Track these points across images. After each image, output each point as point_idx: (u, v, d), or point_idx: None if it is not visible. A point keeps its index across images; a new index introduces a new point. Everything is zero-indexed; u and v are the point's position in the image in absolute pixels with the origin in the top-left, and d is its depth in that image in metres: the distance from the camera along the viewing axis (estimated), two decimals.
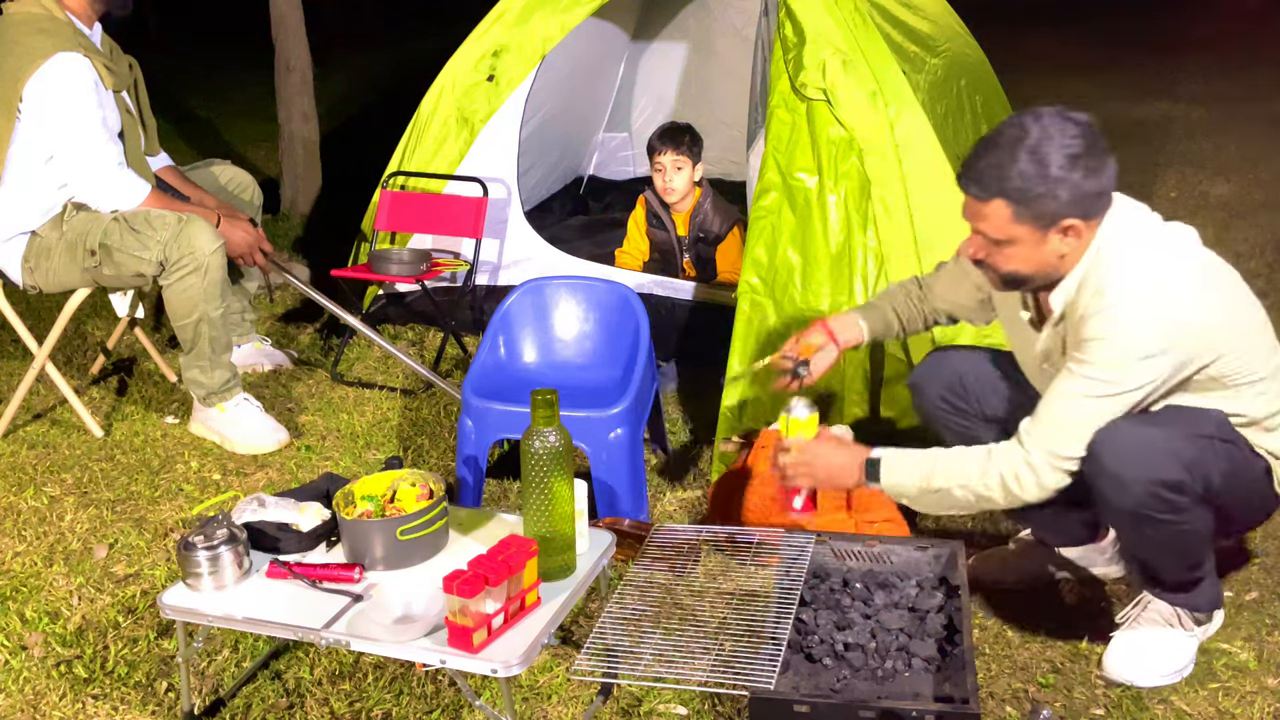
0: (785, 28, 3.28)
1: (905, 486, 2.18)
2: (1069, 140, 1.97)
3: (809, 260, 3.15)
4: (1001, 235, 2.05)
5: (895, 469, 2.19)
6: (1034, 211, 2.00)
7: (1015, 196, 2.00)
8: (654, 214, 4.09)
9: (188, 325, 3.19)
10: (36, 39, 3.08)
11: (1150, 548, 2.15)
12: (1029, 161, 1.97)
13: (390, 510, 2.14)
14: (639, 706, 2.20)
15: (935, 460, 2.16)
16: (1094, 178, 1.99)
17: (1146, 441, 2.02)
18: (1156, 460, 2.01)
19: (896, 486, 2.19)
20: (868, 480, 2.21)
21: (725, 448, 3.04)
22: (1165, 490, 2.02)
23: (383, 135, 4.61)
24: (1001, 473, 2.08)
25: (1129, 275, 2.01)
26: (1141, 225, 2.09)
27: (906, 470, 2.18)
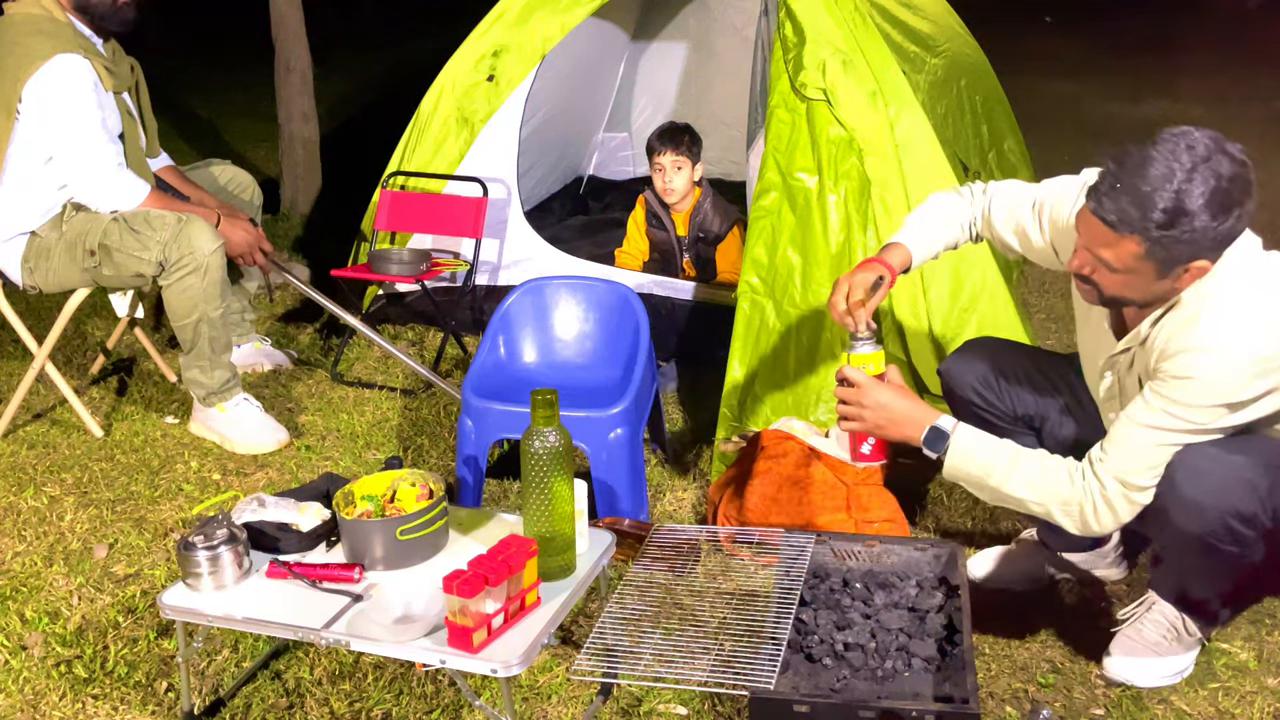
0: (785, 28, 3.28)
1: (968, 472, 2.08)
2: (1221, 184, 1.84)
3: (809, 260, 3.15)
4: (1122, 266, 1.93)
5: (963, 452, 2.08)
6: (1168, 255, 1.89)
7: (1152, 238, 1.86)
8: (653, 214, 4.09)
9: (187, 325, 3.19)
10: (36, 40, 3.08)
11: (1201, 573, 2.13)
12: (1174, 207, 1.83)
13: (390, 510, 2.14)
14: (639, 706, 2.21)
15: (1009, 460, 2.06)
16: (1236, 222, 1.87)
17: (1226, 470, 1.96)
18: (1235, 491, 1.97)
19: (957, 469, 2.09)
20: (927, 446, 2.10)
21: (725, 448, 3.04)
22: (1238, 522, 1.98)
23: (383, 135, 4.61)
24: (1081, 503, 2.02)
25: (1228, 313, 1.91)
26: (1247, 257, 1.97)
27: (974, 459, 2.08)
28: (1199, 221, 1.84)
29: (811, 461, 2.80)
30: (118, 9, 3.20)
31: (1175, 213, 1.84)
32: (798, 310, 3.14)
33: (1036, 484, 2.05)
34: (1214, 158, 1.84)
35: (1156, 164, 1.85)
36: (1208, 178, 1.84)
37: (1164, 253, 1.88)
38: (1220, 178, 1.84)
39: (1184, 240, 1.86)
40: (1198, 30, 10.72)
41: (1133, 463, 1.99)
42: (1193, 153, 1.85)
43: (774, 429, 2.94)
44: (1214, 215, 1.84)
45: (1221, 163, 1.85)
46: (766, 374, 3.11)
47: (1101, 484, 2.01)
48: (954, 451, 2.09)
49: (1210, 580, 2.15)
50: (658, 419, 3.13)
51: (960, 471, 2.10)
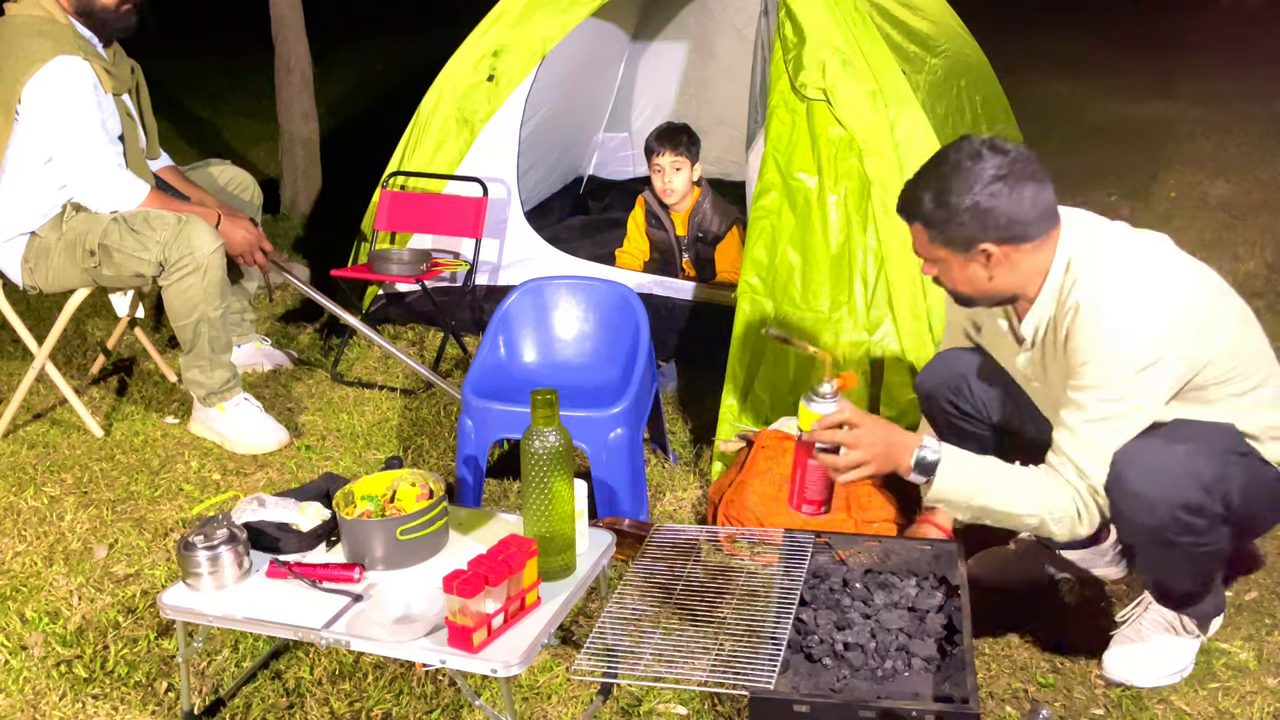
0: (785, 28, 3.28)
1: (956, 496, 2.09)
2: (981, 169, 2.00)
3: (809, 260, 3.15)
4: (926, 255, 2.12)
5: (952, 475, 2.08)
6: (945, 237, 2.05)
7: (925, 221, 2.06)
8: (653, 214, 4.09)
9: (187, 325, 3.19)
10: (36, 42, 3.08)
11: (1166, 566, 2.15)
12: (937, 189, 2.03)
13: (390, 510, 2.14)
14: (639, 706, 2.21)
15: (992, 479, 2.09)
16: (1008, 205, 2.00)
17: (1168, 463, 2.01)
18: (1179, 482, 2.01)
19: (944, 490, 2.09)
20: (916, 472, 2.09)
21: (725, 448, 3.04)
22: (1186, 514, 2.01)
23: (383, 135, 4.61)
24: (1067, 509, 2.05)
25: (1104, 291, 2.01)
26: (1108, 239, 2.09)
27: (963, 482, 2.08)
28: (955, 200, 2.01)
29: None
30: (118, 13, 3.20)
31: (936, 193, 2.03)
32: (798, 310, 3.14)
33: (1030, 498, 2.06)
34: (982, 150, 2.01)
35: (932, 158, 2.08)
36: (970, 165, 2.01)
37: (942, 236, 2.05)
38: (980, 163, 2.00)
39: (950, 221, 2.02)
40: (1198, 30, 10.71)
41: (1090, 461, 2.03)
42: (958, 148, 2.04)
43: (774, 429, 2.94)
44: (973, 196, 1.99)
45: (982, 153, 2.01)
46: (766, 374, 3.11)
47: (1076, 489, 2.05)
48: (943, 473, 2.08)
49: (1180, 574, 2.17)
50: (658, 419, 3.13)
51: (948, 493, 2.09)
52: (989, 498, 2.08)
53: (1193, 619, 2.24)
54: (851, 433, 2.08)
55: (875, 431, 2.09)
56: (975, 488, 2.09)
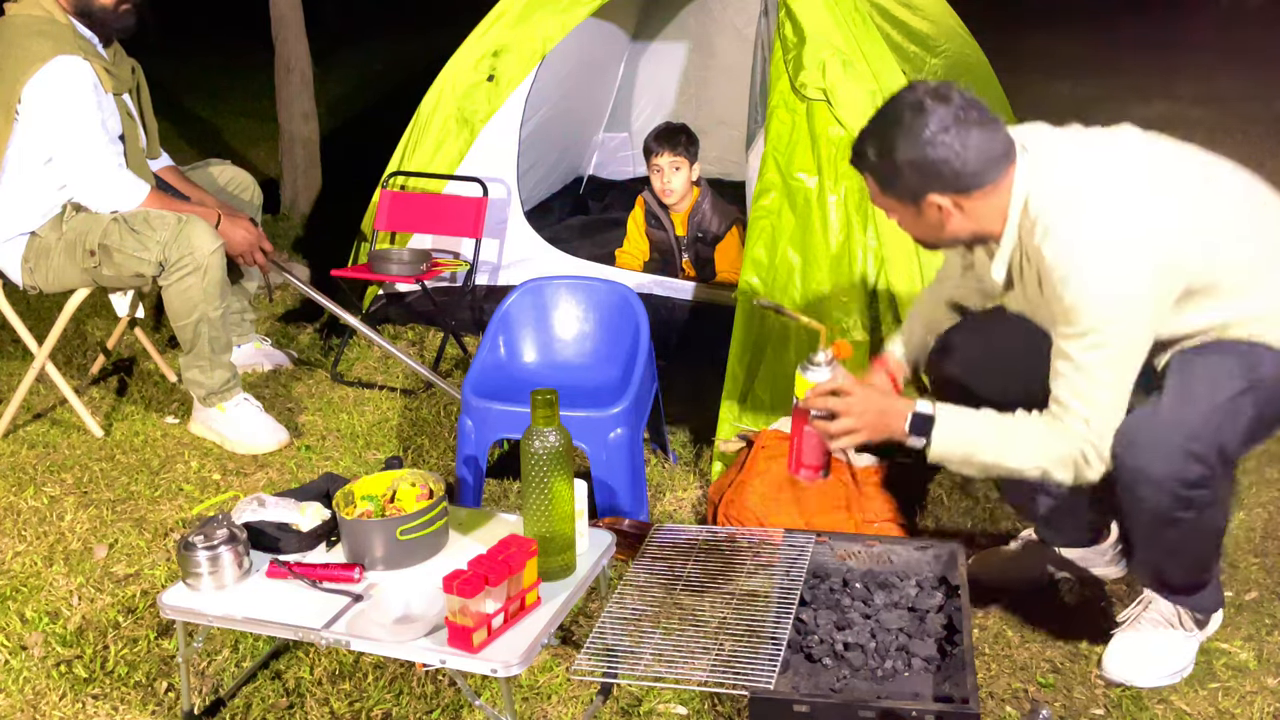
0: (785, 28, 3.28)
1: (956, 451, 2.08)
2: (923, 122, 1.96)
3: (809, 260, 3.15)
4: (880, 205, 2.12)
5: (949, 433, 2.07)
6: (894, 189, 2.05)
7: (872, 173, 2.06)
8: (652, 214, 4.09)
9: (187, 325, 3.19)
10: (36, 42, 3.08)
11: (1165, 547, 2.13)
12: (880, 142, 2.02)
13: (390, 510, 2.14)
14: (639, 706, 2.21)
15: (995, 431, 2.06)
16: (952, 157, 1.96)
17: (1166, 435, 1.98)
18: (1175, 458, 1.98)
19: (944, 448, 2.08)
20: (912, 434, 2.09)
21: (725, 448, 3.04)
22: (1185, 489, 1.99)
23: (383, 135, 4.61)
24: (1073, 456, 2.01)
25: (1067, 233, 1.96)
26: (1066, 166, 2.02)
27: (961, 439, 2.08)
28: (899, 154, 1.98)
29: None
30: (116, 13, 3.20)
31: (876, 144, 2.02)
32: (798, 310, 3.14)
33: (1029, 449, 2.04)
34: (924, 101, 1.97)
35: (879, 109, 2.05)
36: (911, 118, 1.97)
37: (889, 186, 2.05)
38: (924, 115, 1.96)
39: (892, 173, 2.01)
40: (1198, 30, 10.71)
41: (1090, 405, 1.99)
42: (904, 98, 2.01)
43: (774, 429, 2.94)
44: (911, 148, 1.97)
45: (928, 104, 1.97)
46: (766, 374, 3.11)
47: (1078, 433, 2.00)
48: (940, 432, 2.08)
49: (1179, 556, 2.14)
50: (658, 419, 3.13)
51: (948, 452, 2.09)
52: (990, 453, 2.06)
53: (1193, 614, 2.23)
54: (843, 400, 2.12)
55: (867, 399, 2.12)
56: (975, 444, 2.07)
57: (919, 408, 2.09)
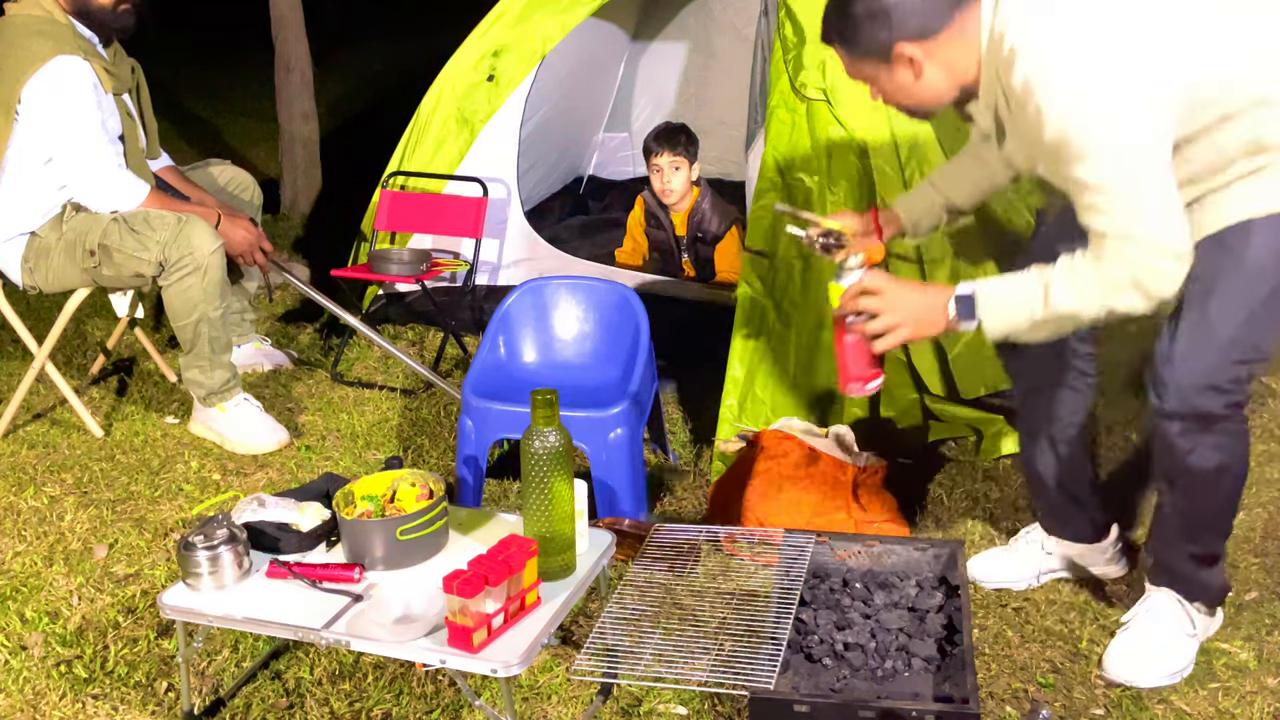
0: (785, 28, 3.28)
1: (1014, 321, 2.01)
2: None
3: (809, 260, 3.15)
4: (856, 76, 2.09)
5: (995, 304, 2.01)
6: (861, 49, 2.03)
7: (839, 38, 2.05)
8: (652, 214, 4.08)
9: (187, 325, 3.19)
10: (36, 42, 3.08)
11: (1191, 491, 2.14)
12: (835, 2, 2.02)
13: (390, 510, 2.14)
14: (639, 706, 2.21)
15: (1042, 289, 1.97)
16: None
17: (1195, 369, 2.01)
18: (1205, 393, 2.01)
19: (1001, 322, 2.01)
20: (961, 320, 2.02)
21: (725, 448, 3.03)
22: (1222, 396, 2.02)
23: (383, 135, 4.61)
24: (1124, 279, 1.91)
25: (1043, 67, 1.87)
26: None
27: (1010, 305, 2.00)
28: (861, 6, 1.97)
29: (811, 461, 2.79)
30: (115, 13, 3.20)
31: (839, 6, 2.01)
32: (798, 310, 3.14)
33: (1084, 290, 1.94)
34: None
35: None
36: None
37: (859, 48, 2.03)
38: None
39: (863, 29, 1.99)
40: None
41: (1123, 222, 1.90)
42: None
43: (774, 429, 2.94)
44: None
45: None
46: (766, 374, 3.11)
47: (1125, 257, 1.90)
48: (984, 306, 2.01)
49: (1201, 504, 2.17)
50: (658, 419, 3.13)
51: (1003, 324, 2.02)
52: (1047, 309, 1.97)
53: (1192, 604, 2.25)
54: (878, 298, 2.08)
55: (901, 293, 2.09)
56: (1027, 307, 1.99)
57: (959, 290, 2.03)
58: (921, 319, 2.07)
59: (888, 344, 2.10)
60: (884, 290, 2.09)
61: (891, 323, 2.08)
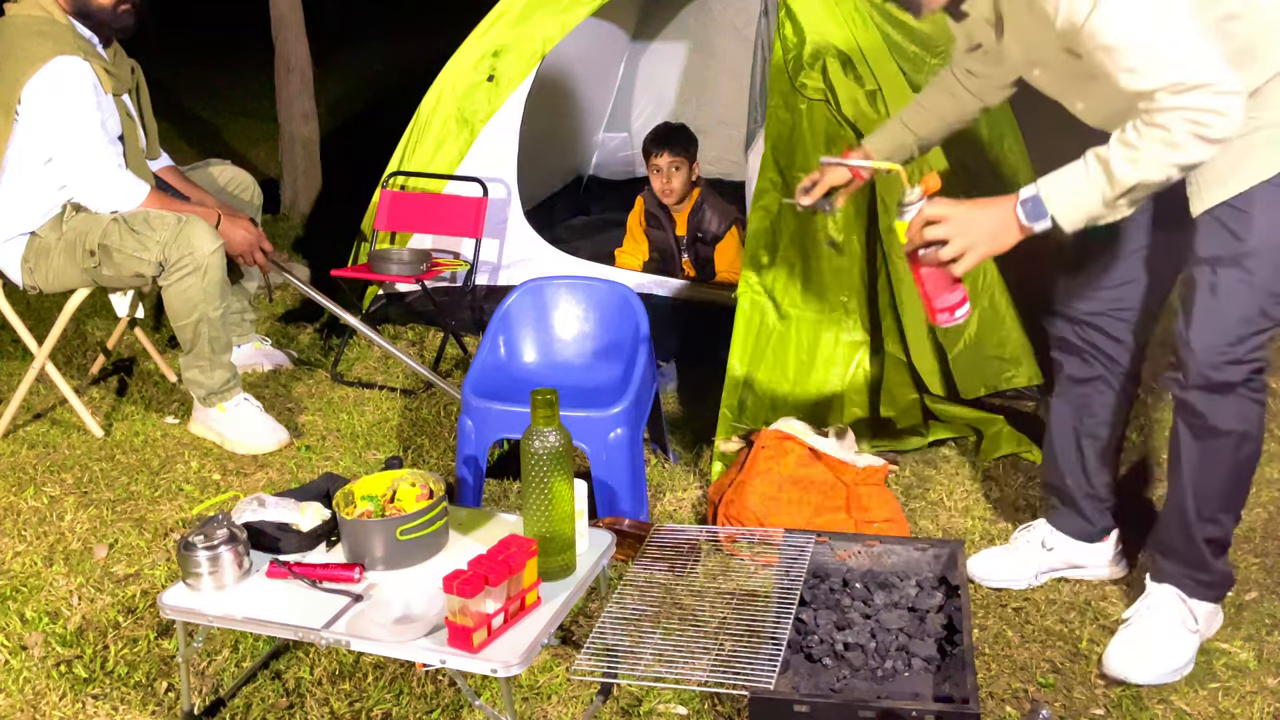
0: (785, 28, 3.28)
1: (1087, 206, 1.99)
2: None
3: (809, 260, 3.15)
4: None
5: (1062, 196, 1.99)
6: None
7: None
8: (652, 214, 4.09)
9: (187, 325, 3.19)
10: (36, 42, 3.08)
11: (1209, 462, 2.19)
12: None
13: (390, 510, 2.14)
14: (639, 706, 2.21)
15: (1103, 165, 1.95)
16: None
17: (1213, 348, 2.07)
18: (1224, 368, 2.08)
19: (1073, 211, 1.99)
20: (1033, 222, 2.01)
21: (725, 448, 3.03)
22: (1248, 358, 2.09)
23: (383, 135, 4.61)
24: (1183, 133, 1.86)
25: None
26: None
27: (1077, 192, 1.98)
28: None
29: (811, 461, 2.80)
30: (115, 14, 3.20)
31: None
32: (798, 310, 3.14)
33: (1146, 157, 1.91)
34: None
35: None
36: None
37: None
38: None
39: None
40: None
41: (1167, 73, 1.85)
42: None
43: (774, 429, 2.94)
44: None
45: None
46: (766, 374, 3.11)
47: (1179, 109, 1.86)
48: (1051, 201, 2.00)
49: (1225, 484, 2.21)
50: (658, 419, 3.13)
51: (1077, 213, 2.00)
52: (1117, 186, 1.95)
53: (1195, 599, 2.27)
54: (944, 225, 2.07)
55: (967, 214, 2.07)
56: (1096, 191, 1.97)
57: (1022, 195, 2.02)
58: (994, 233, 2.05)
59: (966, 265, 2.08)
60: (949, 215, 2.08)
61: (964, 244, 2.06)
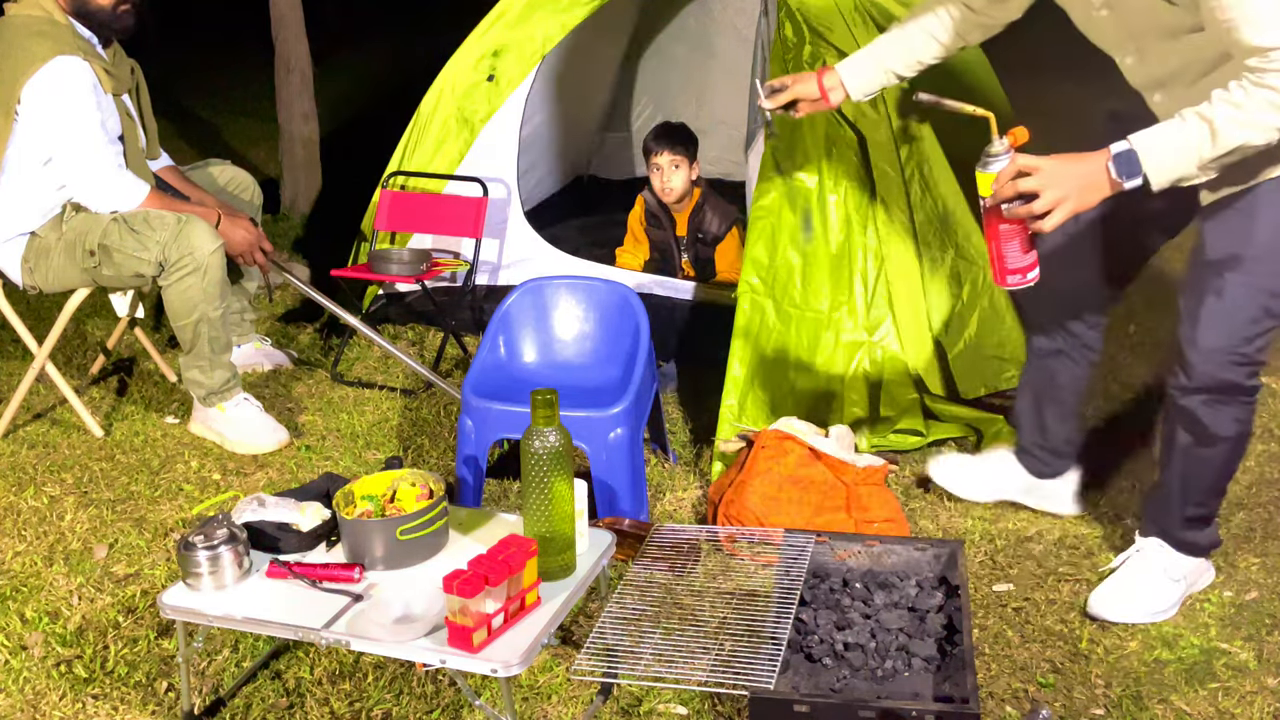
0: (785, 28, 3.28)
1: (1181, 165, 1.97)
2: None
3: (809, 260, 3.15)
4: None
5: (1159, 154, 1.98)
6: None
7: None
8: (652, 214, 4.08)
9: (187, 325, 3.19)
10: (35, 42, 3.08)
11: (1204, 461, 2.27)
12: None
13: (390, 510, 2.14)
14: (639, 706, 2.21)
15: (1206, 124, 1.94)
16: None
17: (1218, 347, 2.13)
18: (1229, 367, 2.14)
19: (1167, 169, 1.98)
20: (1123, 178, 1.99)
21: (725, 448, 3.04)
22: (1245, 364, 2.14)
23: (383, 135, 4.61)
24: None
25: None
26: None
27: (1174, 150, 1.97)
28: None
29: (811, 461, 2.80)
30: (115, 14, 3.20)
31: None
32: (798, 310, 3.14)
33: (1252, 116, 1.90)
34: None
35: None
36: None
37: None
38: None
39: None
40: None
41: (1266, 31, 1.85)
42: None
43: (774, 429, 2.94)
44: None
45: None
46: (766, 374, 3.11)
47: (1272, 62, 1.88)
48: (1150, 161, 1.98)
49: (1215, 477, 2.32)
50: (658, 419, 3.13)
51: (1171, 171, 1.99)
52: (1214, 147, 1.94)
53: (1183, 552, 2.39)
54: (1036, 177, 2.04)
55: (1059, 167, 2.04)
56: (1193, 149, 1.95)
57: (1114, 150, 2.00)
58: (1085, 187, 2.02)
59: (1055, 221, 2.05)
60: (1041, 167, 2.04)
61: (1056, 198, 2.03)
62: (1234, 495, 2.91)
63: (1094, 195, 2.04)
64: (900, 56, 2.57)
